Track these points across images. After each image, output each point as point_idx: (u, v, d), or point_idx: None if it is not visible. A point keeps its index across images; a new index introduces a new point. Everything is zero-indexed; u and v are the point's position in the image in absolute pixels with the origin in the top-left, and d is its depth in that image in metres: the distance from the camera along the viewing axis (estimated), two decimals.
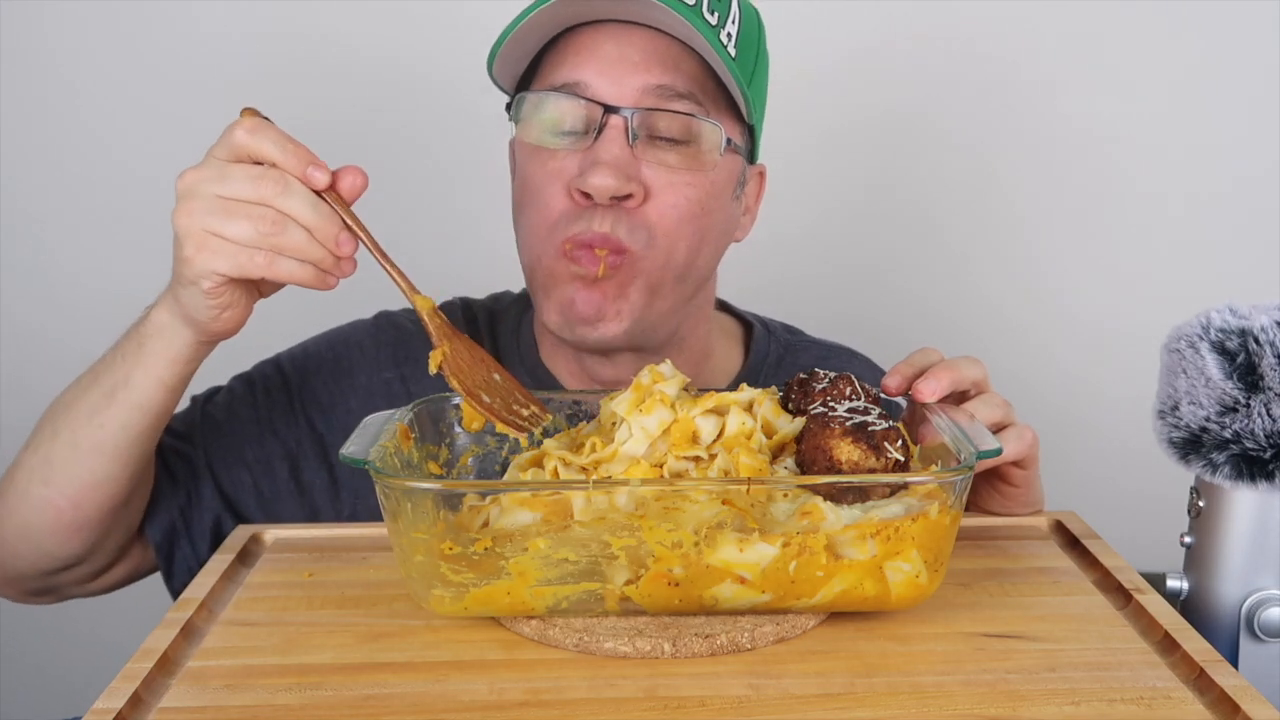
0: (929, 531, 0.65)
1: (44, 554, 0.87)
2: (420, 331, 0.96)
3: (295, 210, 0.72)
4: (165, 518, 0.94)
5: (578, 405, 0.83)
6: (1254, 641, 0.75)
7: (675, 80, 0.86)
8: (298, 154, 0.73)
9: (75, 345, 1.38)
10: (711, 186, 0.90)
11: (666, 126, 0.87)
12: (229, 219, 0.72)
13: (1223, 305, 0.74)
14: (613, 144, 0.86)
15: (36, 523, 0.85)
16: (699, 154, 0.88)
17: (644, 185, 0.87)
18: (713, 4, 0.86)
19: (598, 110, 0.86)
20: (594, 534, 0.64)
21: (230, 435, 0.97)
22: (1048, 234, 1.47)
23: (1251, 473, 0.73)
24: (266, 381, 1.00)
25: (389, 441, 0.70)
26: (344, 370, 1.00)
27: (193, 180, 0.73)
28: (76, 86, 1.37)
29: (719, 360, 1.04)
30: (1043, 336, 1.48)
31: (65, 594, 0.94)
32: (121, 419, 0.82)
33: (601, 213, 0.86)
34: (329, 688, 0.62)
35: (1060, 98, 1.43)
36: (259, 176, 0.72)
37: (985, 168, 1.45)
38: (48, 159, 1.39)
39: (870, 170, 1.44)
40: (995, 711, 0.59)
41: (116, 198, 1.40)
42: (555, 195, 0.88)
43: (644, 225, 0.88)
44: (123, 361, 0.82)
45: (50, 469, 0.84)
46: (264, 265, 0.73)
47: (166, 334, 0.80)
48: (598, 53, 0.86)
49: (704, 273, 0.95)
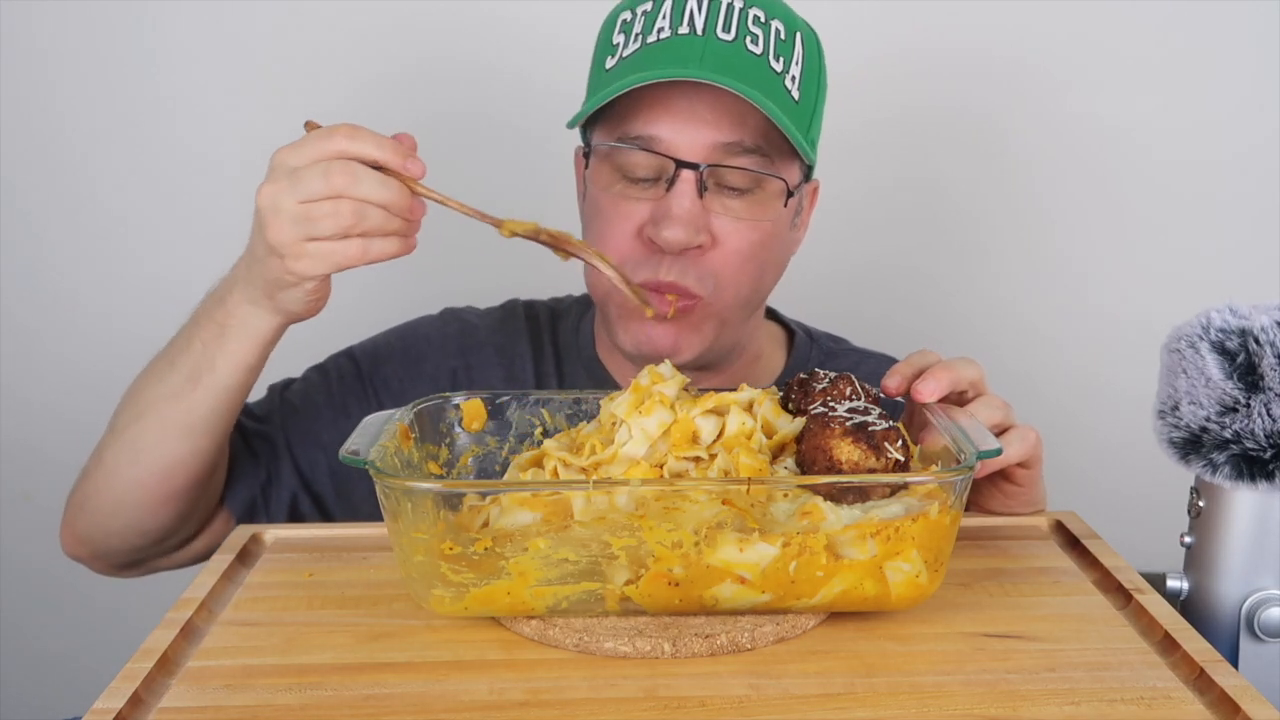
0: (929, 531, 0.65)
1: (135, 529, 0.92)
2: (482, 323, 1.07)
3: (369, 194, 0.76)
4: (247, 494, 0.98)
5: (578, 405, 0.83)
6: (1254, 641, 0.75)
7: (742, 135, 0.90)
8: (396, 150, 0.77)
9: (74, 344, 1.41)
10: (773, 227, 0.95)
11: (734, 179, 0.92)
12: (316, 223, 0.76)
13: (1223, 305, 0.74)
14: (684, 197, 0.90)
15: (128, 500, 0.90)
16: (764, 200, 0.93)
17: (711, 234, 0.92)
18: (779, 49, 0.91)
19: (670, 164, 0.90)
20: (594, 534, 0.64)
21: (307, 419, 1.02)
22: (1048, 234, 1.47)
23: (1251, 473, 0.73)
24: (340, 369, 1.05)
25: (389, 441, 0.70)
26: (413, 359, 1.05)
27: (272, 194, 0.77)
28: (76, 86, 1.37)
29: (766, 361, 1.09)
30: (1042, 336, 1.48)
31: (152, 566, 0.98)
32: (209, 401, 0.87)
33: (670, 261, 0.92)
34: (329, 688, 0.62)
35: (1065, 97, 1.43)
36: (327, 172, 0.75)
37: (985, 167, 1.45)
38: (48, 158, 1.39)
39: (875, 172, 1.44)
40: (995, 711, 0.59)
41: (115, 197, 1.40)
42: (624, 238, 0.93)
43: (710, 271, 0.93)
44: (204, 348, 0.86)
45: (138, 450, 0.88)
46: (359, 254, 0.77)
47: (251, 322, 0.84)
48: (671, 109, 0.90)
49: (766, 295, 1.02)
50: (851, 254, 1.45)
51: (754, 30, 0.91)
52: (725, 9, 0.91)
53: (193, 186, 1.39)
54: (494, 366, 1.05)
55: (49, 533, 1.05)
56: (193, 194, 1.39)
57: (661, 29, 0.92)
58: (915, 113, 1.43)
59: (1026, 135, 1.44)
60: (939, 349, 0.81)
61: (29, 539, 1.45)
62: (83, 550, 0.95)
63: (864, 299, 1.46)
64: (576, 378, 1.05)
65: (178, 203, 1.40)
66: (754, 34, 0.91)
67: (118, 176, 1.39)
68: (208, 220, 1.38)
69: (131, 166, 1.39)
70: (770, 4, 0.94)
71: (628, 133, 0.92)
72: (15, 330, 1.42)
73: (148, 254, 1.41)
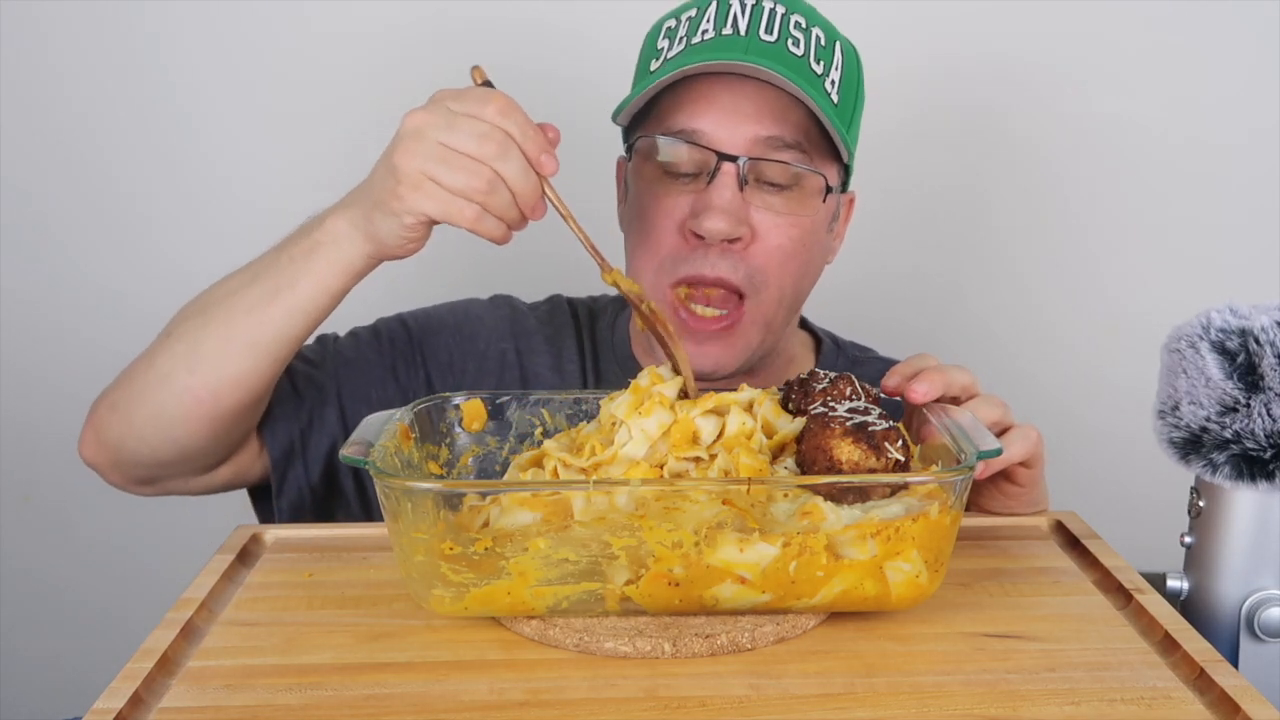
0: (929, 531, 0.65)
1: (169, 441, 0.89)
2: (532, 313, 1.08)
3: (510, 174, 0.76)
4: (286, 434, 0.97)
5: (578, 405, 0.83)
6: (1254, 641, 0.75)
7: (784, 131, 0.92)
8: (537, 139, 0.77)
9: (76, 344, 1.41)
10: (812, 225, 0.96)
11: (774, 173, 0.93)
12: (449, 169, 0.76)
13: (1223, 305, 0.74)
14: (725, 189, 0.91)
15: (173, 410, 0.87)
16: (803, 198, 0.94)
17: (752, 228, 0.93)
18: (819, 54, 0.93)
19: (712, 157, 0.92)
20: (594, 534, 0.64)
21: (359, 372, 1.01)
22: (1047, 234, 1.47)
23: (1252, 473, 0.73)
24: (391, 333, 1.04)
25: (389, 441, 0.70)
26: (466, 335, 1.06)
27: (420, 123, 0.77)
28: (75, 85, 1.37)
29: (799, 366, 1.09)
30: (1041, 336, 1.48)
31: (168, 487, 0.96)
32: (281, 319, 0.85)
33: (714, 255, 0.92)
34: (329, 688, 0.62)
35: (1065, 96, 1.43)
36: (484, 135, 0.76)
37: (985, 168, 1.45)
38: (56, 154, 1.39)
39: (883, 174, 1.44)
40: (995, 711, 0.59)
41: (116, 198, 1.40)
42: (668, 232, 0.94)
43: (753, 267, 0.94)
44: (290, 264, 0.84)
45: (197, 358, 0.86)
46: (472, 219, 0.77)
47: (344, 244, 0.83)
48: (715, 103, 0.92)
49: (804, 299, 1.03)
50: (857, 254, 1.45)
51: (795, 34, 0.92)
52: (768, 14, 0.93)
53: (203, 189, 1.40)
54: (543, 354, 1.06)
55: (49, 533, 1.06)
56: (203, 195, 1.40)
57: (706, 30, 0.94)
58: (916, 113, 1.43)
59: (1027, 136, 1.44)
60: (940, 348, 0.82)
61: (29, 539, 1.46)
62: (102, 456, 0.92)
63: (865, 299, 1.45)
64: (611, 375, 1.06)
65: (185, 205, 1.40)
66: (795, 37, 0.92)
67: (125, 177, 1.39)
68: (215, 221, 1.38)
69: (140, 165, 1.40)
70: (811, 13, 0.96)
71: (671, 127, 0.93)
72: (16, 330, 1.42)
73: (152, 255, 1.41)
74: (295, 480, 0.97)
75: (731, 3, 0.94)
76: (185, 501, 0.99)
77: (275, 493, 0.97)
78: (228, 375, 0.86)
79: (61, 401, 1.40)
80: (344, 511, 1.02)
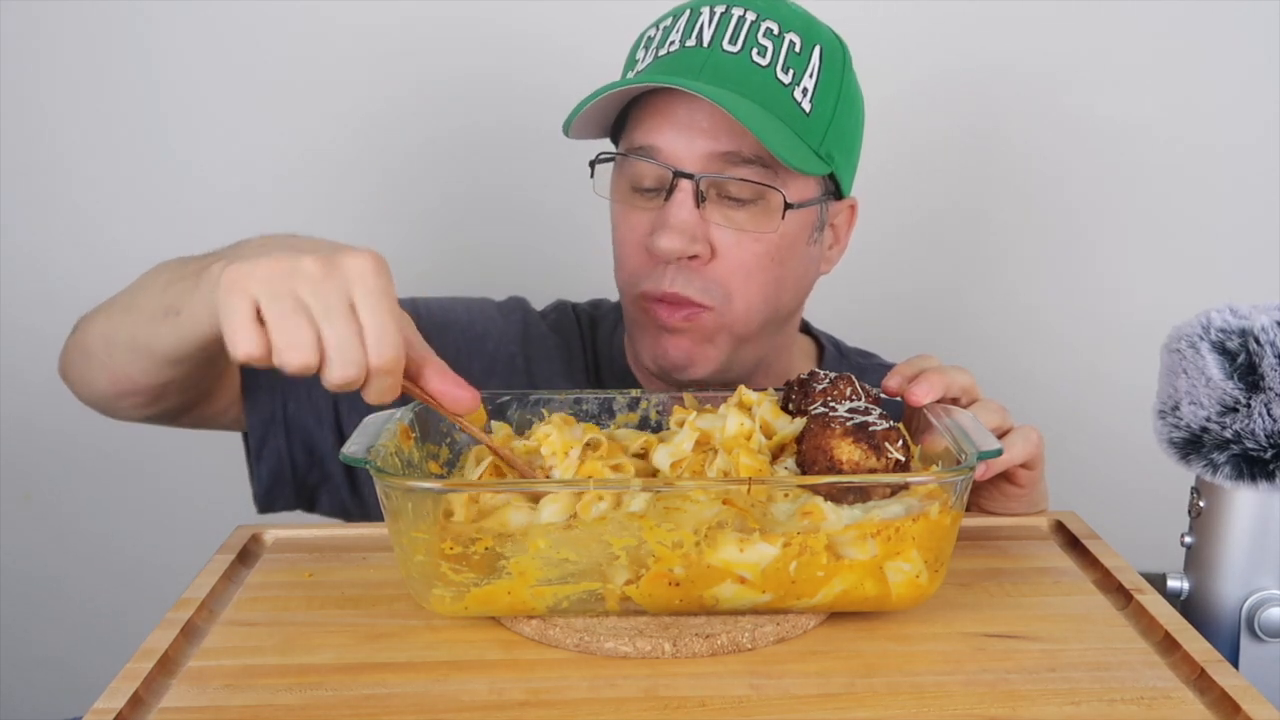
0: (929, 532, 0.65)
1: (123, 395, 0.88)
2: (544, 319, 1.07)
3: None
4: (267, 404, 0.96)
5: (578, 405, 0.83)
6: (1254, 641, 0.75)
7: (741, 146, 0.90)
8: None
9: None
10: (781, 239, 0.93)
11: (734, 189, 0.91)
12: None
13: (1223, 305, 0.74)
14: (680, 207, 0.90)
15: (105, 381, 0.88)
16: (766, 212, 0.92)
17: (711, 244, 0.92)
18: (789, 61, 0.91)
19: (668, 173, 0.91)
20: (595, 534, 0.64)
21: None
22: (1048, 234, 1.47)
23: (1252, 473, 0.73)
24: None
25: (389, 441, 0.70)
26: (477, 334, 1.05)
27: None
28: (72, 86, 1.38)
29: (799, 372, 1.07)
30: (1041, 335, 1.48)
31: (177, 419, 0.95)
32: (172, 339, 0.80)
33: (672, 271, 0.92)
34: (329, 688, 0.62)
35: (1066, 98, 1.43)
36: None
37: (985, 169, 1.45)
38: (47, 161, 1.39)
39: (882, 174, 1.44)
40: (995, 711, 0.59)
41: (118, 198, 1.40)
42: (631, 247, 0.95)
43: (715, 281, 0.92)
44: (183, 286, 0.78)
45: (110, 345, 0.86)
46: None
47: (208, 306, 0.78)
48: (670, 118, 0.91)
49: (790, 311, 1.00)
50: (858, 258, 1.45)
51: (764, 43, 0.91)
52: (736, 22, 0.91)
53: (204, 191, 1.39)
54: (554, 360, 1.06)
55: (49, 533, 1.06)
56: (203, 198, 1.39)
57: (673, 42, 0.93)
58: (915, 113, 1.43)
59: (1028, 136, 1.44)
60: (941, 348, 0.82)
61: (29, 539, 1.46)
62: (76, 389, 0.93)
63: (865, 303, 1.45)
64: (610, 386, 1.05)
65: (187, 209, 1.40)
66: (763, 46, 0.91)
67: (126, 179, 1.39)
68: (216, 222, 1.37)
69: (140, 166, 1.39)
70: (788, 17, 0.93)
71: (633, 143, 0.93)
72: (15, 331, 1.42)
73: (149, 256, 1.40)
74: (275, 448, 0.97)
75: (702, 13, 0.92)
76: (185, 502, 0.99)
77: (255, 457, 0.98)
78: (133, 369, 0.85)
79: (61, 401, 1.39)
80: (332, 496, 1.02)
